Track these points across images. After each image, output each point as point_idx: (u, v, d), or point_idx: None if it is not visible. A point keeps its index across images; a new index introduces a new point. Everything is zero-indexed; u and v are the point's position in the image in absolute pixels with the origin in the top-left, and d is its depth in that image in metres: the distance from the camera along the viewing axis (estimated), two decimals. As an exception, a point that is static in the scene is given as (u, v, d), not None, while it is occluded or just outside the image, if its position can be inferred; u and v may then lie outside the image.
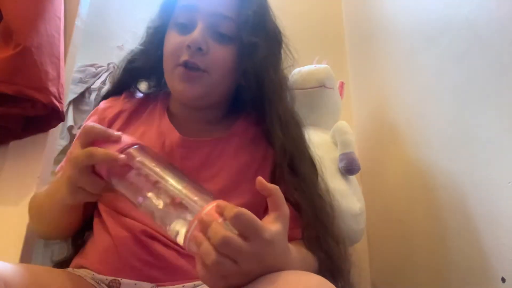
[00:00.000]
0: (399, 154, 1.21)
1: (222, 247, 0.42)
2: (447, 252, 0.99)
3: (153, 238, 0.62)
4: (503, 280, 0.80)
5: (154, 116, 0.76)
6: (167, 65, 0.73)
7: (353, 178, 1.20)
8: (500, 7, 0.80)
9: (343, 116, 1.32)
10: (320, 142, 1.21)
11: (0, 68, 0.83)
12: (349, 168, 1.14)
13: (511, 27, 0.77)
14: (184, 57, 0.69)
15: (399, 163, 1.22)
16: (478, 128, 0.87)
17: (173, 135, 0.72)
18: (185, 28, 0.71)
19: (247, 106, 0.77)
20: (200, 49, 0.67)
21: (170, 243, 0.62)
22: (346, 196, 1.14)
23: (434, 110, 1.04)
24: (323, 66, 1.27)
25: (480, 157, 0.87)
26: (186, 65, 0.69)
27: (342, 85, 1.35)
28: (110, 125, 0.74)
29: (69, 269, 0.66)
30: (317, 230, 0.65)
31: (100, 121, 0.75)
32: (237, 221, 0.43)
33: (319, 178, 0.74)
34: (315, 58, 1.32)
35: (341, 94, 1.34)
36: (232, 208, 0.43)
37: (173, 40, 0.72)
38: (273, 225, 0.46)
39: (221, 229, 0.42)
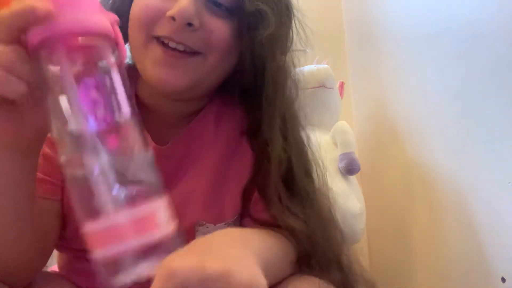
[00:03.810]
0: (399, 154, 1.21)
1: None
2: (447, 252, 0.99)
3: None
4: (503, 280, 0.80)
5: None
6: (135, 36, 0.52)
7: (353, 178, 1.20)
8: (500, 7, 0.80)
9: (343, 116, 1.32)
10: (319, 143, 1.21)
11: None
12: (349, 168, 1.14)
13: (511, 27, 0.77)
14: (163, 31, 0.49)
15: (399, 163, 1.21)
16: (478, 128, 0.87)
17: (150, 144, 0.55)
18: None
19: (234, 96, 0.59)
20: (190, 24, 0.48)
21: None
22: (346, 196, 1.14)
23: (434, 110, 1.04)
24: (323, 66, 1.28)
25: (480, 157, 0.87)
26: (165, 43, 0.50)
27: (342, 85, 1.36)
28: None
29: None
30: (322, 260, 0.52)
31: None
32: None
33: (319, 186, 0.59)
34: (315, 58, 1.32)
35: (341, 94, 1.34)
36: None
37: (146, 0, 0.51)
38: None
39: None
